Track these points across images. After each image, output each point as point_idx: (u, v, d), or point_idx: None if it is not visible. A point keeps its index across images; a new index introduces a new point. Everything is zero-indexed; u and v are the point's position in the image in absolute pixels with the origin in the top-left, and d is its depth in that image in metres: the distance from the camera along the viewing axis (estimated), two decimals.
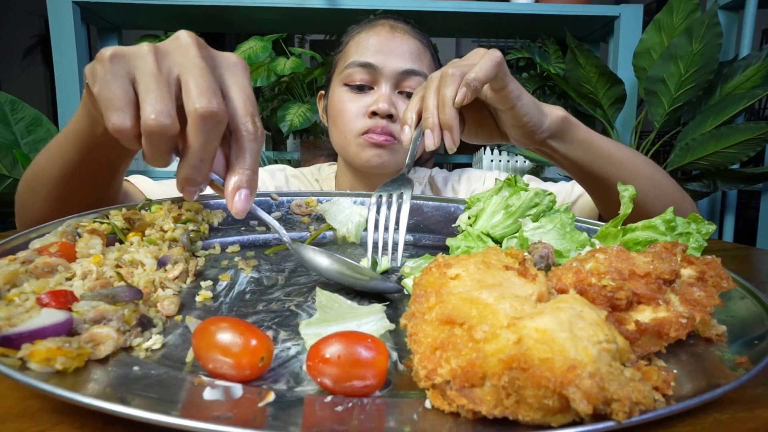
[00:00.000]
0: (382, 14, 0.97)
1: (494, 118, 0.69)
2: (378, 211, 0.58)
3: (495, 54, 0.59)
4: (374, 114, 0.85)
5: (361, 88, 0.87)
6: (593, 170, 0.72)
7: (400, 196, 0.59)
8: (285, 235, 0.51)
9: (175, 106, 0.40)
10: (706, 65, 1.68)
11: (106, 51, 0.41)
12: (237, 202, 0.42)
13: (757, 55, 1.75)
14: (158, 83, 0.40)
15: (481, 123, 0.70)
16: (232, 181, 0.42)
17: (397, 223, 0.56)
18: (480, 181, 1.04)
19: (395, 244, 0.56)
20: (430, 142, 0.59)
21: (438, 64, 0.96)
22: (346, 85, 0.88)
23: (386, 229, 0.56)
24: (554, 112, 0.68)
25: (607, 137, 0.74)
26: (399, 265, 0.54)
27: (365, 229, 0.68)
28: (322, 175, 1.08)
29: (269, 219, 0.50)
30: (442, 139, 0.60)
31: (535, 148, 0.71)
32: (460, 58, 0.64)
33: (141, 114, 0.39)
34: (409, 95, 0.86)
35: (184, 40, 0.42)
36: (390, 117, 0.84)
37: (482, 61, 0.58)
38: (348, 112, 0.87)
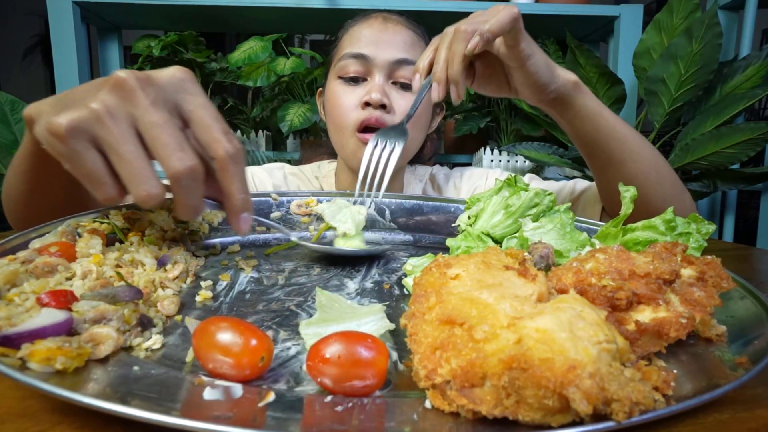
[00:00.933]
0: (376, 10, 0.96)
1: (505, 74, 0.71)
2: (371, 154, 0.66)
3: (512, 9, 0.61)
4: (367, 105, 0.85)
5: (355, 80, 0.87)
6: (598, 142, 0.73)
7: (394, 144, 0.66)
8: (289, 233, 0.54)
9: (149, 160, 0.40)
10: (706, 65, 1.68)
11: (59, 126, 0.39)
12: (242, 226, 0.46)
13: (757, 55, 1.74)
14: (127, 151, 0.39)
15: (491, 76, 0.72)
16: (232, 208, 0.45)
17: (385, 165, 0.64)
18: (482, 179, 1.04)
19: (381, 181, 0.64)
20: (435, 95, 0.64)
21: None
22: (340, 78, 0.88)
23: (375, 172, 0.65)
24: (566, 76, 0.70)
25: (618, 117, 0.75)
26: (380, 200, 0.63)
27: (365, 227, 0.68)
28: (321, 172, 1.08)
29: (272, 224, 0.59)
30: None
31: (543, 107, 0.73)
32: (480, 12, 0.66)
33: (130, 188, 0.40)
34: (403, 85, 0.86)
35: (127, 86, 0.40)
36: (383, 107, 0.84)
37: (499, 14, 0.61)
38: (342, 105, 0.87)
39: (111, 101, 0.40)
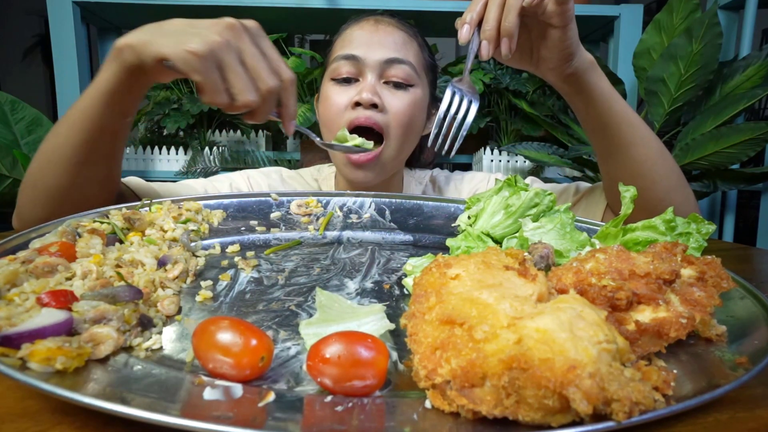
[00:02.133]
0: (379, 14, 0.96)
1: (530, 43, 0.72)
2: (450, 104, 0.70)
3: None
4: (358, 105, 0.84)
5: (347, 81, 0.87)
6: (609, 124, 0.74)
7: (470, 102, 0.70)
8: (315, 137, 0.72)
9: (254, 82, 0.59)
10: (706, 65, 1.68)
11: (201, 48, 0.56)
12: (290, 128, 0.65)
13: (757, 55, 1.74)
14: (240, 72, 0.58)
15: (519, 44, 0.71)
16: (287, 114, 0.64)
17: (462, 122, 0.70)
18: (484, 183, 1.04)
19: (454, 138, 0.69)
20: (485, 53, 0.65)
21: (429, 56, 0.96)
22: (333, 80, 0.88)
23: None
24: (585, 53, 0.72)
25: (626, 102, 0.76)
26: (451, 156, 0.65)
27: (365, 228, 0.68)
28: (321, 175, 1.08)
29: (306, 131, 0.72)
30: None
31: (559, 83, 0.74)
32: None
33: (238, 97, 0.58)
34: (395, 84, 0.86)
35: (236, 28, 0.60)
36: (375, 106, 0.83)
37: None
38: (333, 105, 0.87)
39: (230, 36, 0.59)
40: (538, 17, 0.66)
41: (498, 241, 0.58)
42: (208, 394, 0.30)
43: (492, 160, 2.15)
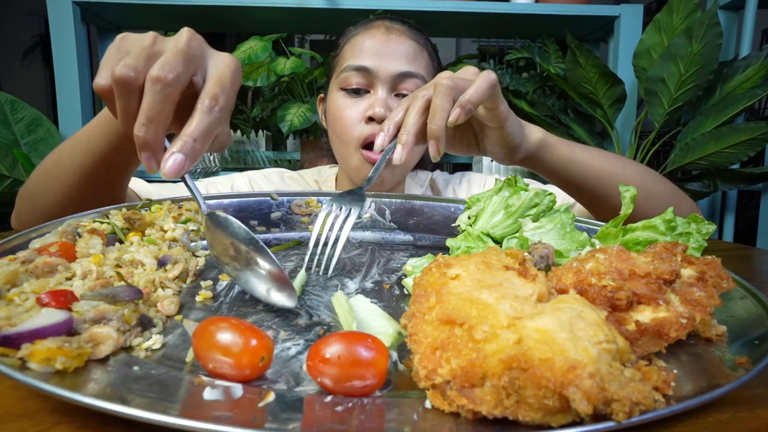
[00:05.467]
0: (380, 15, 0.95)
1: (474, 133, 0.71)
2: (325, 221, 0.58)
3: (490, 76, 0.60)
4: (371, 119, 0.85)
5: (357, 92, 0.87)
6: (577, 185, 0.74)
7: (349, 210, 0.59)
8: (203, 204, 0.48)
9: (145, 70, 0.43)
10: (706, 65, 1.68)
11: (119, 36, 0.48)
12: (169, 164, 0.42)
13: (757, 55, 1.74)
14: (139, 53, 0.44)
15: (461, 138, 0.71)
16: (173, 145, 0.43)
17: (338, 236, 0.57)
18: (480, 185, 1.04)
19: (330, 256, 0.55)
20: (398, 157, 0.59)
21: (437, 62, 0.96)
22: (342, 89, 0.88)
23: (326, 242, 0.57)
24: (533, 134, 0.70)
25: (595, 149, 0.75)
26: (328, 275, 0.54)
27: (365, 228, 0.68)
28: (322, 177, 1.08)
29: (194, 188, 0.48)
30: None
31: (514, 165, 0.73)
32: (450, 71, 0.64)
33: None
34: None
35: (182, 34, 0.46)
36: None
37: (478, 82, 0.59)
38: (346, 118, 0.86)
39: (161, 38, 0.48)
40: (474, 120, 0.66)
41: (498, 241, 0.58)
42: (208, 394, 0.30)
43: (492, 160, 2.15)
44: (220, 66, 0.47)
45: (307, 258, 0.56)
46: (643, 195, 0.72)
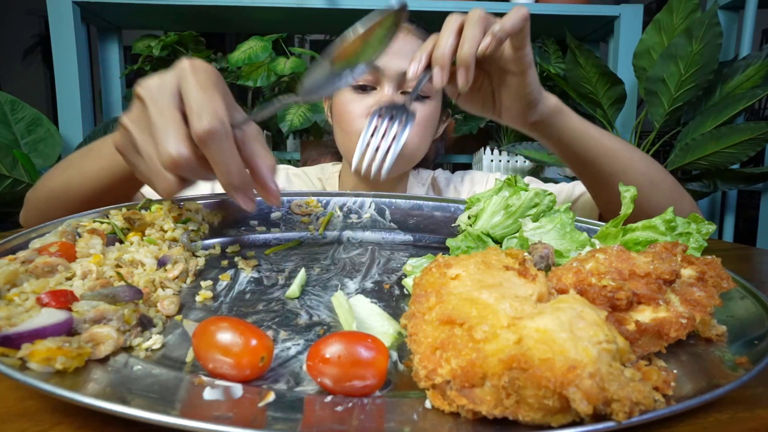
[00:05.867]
0: None
1: (492, 90, 0.70)
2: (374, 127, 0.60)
3: (522, 9, 0.60)
4: None
5: (364, 89, 0.88)
6: (586, 160, 0.73)
7: (402, 120, 0.61)
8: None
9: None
10: (706, 65, 1.68)
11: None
12: (273, 190, 0.47)
13: (757, 55, 1.74)
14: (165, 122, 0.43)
15: (478, 91, 0.70)
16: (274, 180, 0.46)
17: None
18: (482, 183, 1.04)
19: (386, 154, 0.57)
20: (437, 79, 0.59)
21: None
22: (350, 86, 0.89)
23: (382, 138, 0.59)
24: (550, 98, 0.69)
25: (605, 131, 0.75)
26: (383, 175, 0.54)
27: (366, 228, 0.68)
28: (325, 174, 1.08)
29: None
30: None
31: (526, 130, 0.72)
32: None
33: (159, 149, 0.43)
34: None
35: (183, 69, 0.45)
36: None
37: (511, 13, 0.59)
38: (351, 113, 0.88)
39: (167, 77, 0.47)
40: (497, 63, 0.65)
41: (498, 241, 0.58)
42: (208, 394, 0.30)
43: (492, 160, 2.15)
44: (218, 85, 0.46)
45: (357, 155, 0.59)
46: (647, 182, 0.72)
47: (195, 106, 0.42)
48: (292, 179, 1.02)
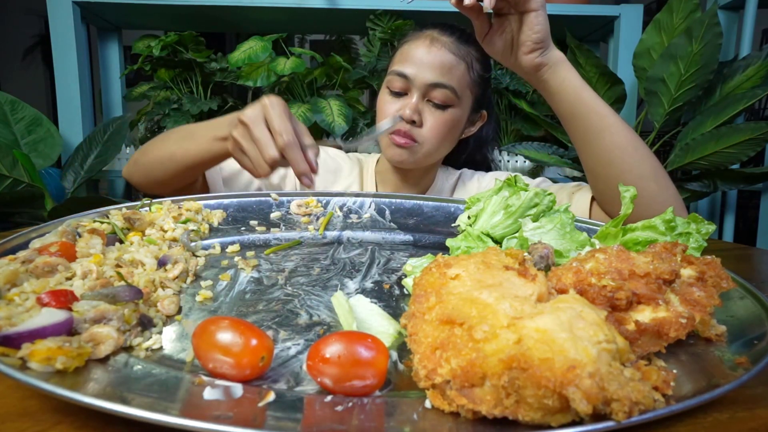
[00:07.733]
0: (433, 23, 1.05)
1: (512, 37, 0.79)
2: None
3: None
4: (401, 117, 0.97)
5: (397, 94, 1.00)
6: (578, 114, 0.80)
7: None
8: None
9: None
10: (706, 65, 1.68)
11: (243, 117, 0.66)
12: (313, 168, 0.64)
13: (757, 55, 1.74)
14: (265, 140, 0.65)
15: (502, 34, 0.80)
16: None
17: None
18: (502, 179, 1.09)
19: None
20: (488, 2, 0.69)
21: (476, 72, 1.03)
22: (388, 88, 1.01)
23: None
24: (557, 50, 0.80)
25: (598, 96, 0.83)
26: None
27: (365, 228, 0.68)
28: (366, 158, 1.19)
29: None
30: None
31: (533, 72, 0.80)
32: None
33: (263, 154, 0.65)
34: (436, 105, 0.97)
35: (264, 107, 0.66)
36: (413, 122, 0.96)
37: None
38: (384, 111, 1.01)
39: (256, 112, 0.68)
40: (518, 8, 0.75)
41: (498, 241, 0.58)
42: (208, 394, 0.30)
43: (492, 160, 2.15)
44: (288, 114, 0.67)
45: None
46: (632, 147, 0.79)
47: (277, 128, 0.63)
48: (332, 154, 1.13)
